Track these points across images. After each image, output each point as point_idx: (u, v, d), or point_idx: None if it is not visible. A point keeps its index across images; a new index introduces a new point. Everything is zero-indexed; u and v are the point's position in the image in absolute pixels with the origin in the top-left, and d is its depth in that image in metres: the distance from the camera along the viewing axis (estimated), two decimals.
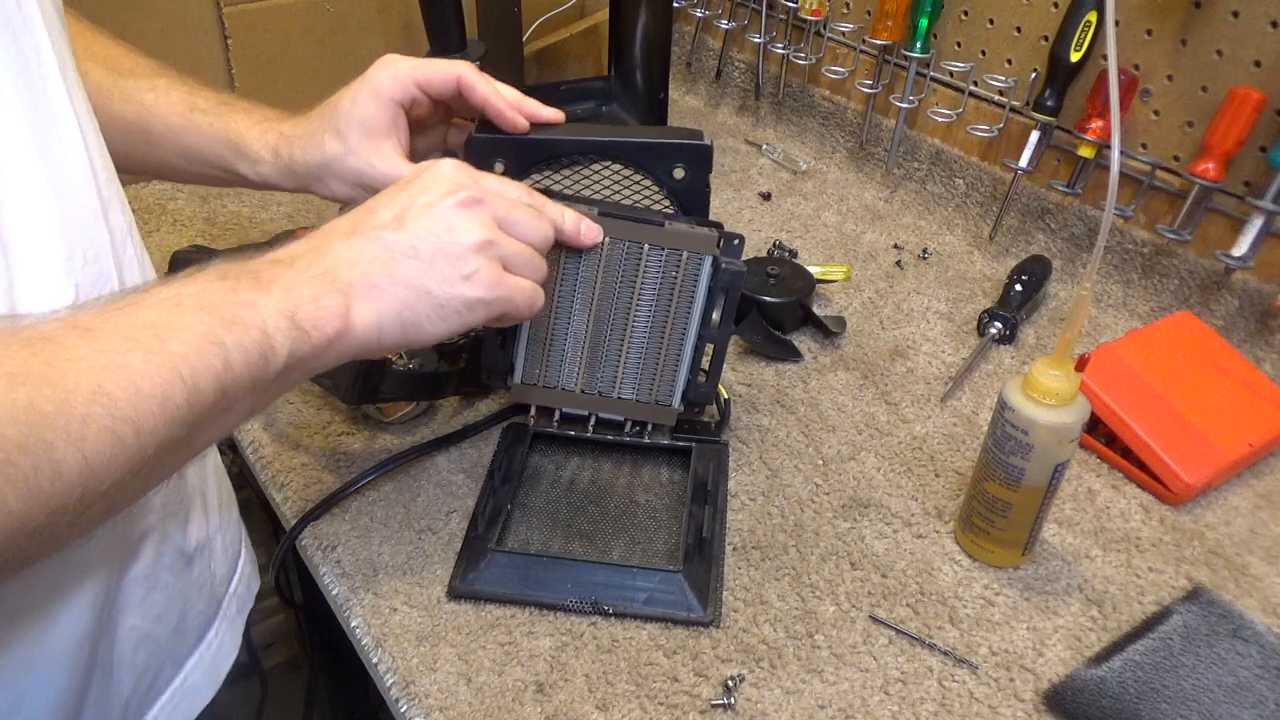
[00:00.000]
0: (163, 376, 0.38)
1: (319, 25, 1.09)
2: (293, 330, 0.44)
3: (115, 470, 0.36)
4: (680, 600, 0.58)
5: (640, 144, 0.61)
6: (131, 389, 0.37)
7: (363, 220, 0.50)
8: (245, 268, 0.45)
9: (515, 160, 0.62)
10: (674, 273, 0.60)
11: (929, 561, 0.63)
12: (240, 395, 0.42)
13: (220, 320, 0.41)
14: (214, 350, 0.41)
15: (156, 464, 0.39)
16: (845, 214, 1.03)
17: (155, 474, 0.40)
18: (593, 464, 0.68)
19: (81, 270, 0.44)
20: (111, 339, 0.38)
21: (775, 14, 1.12)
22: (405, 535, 0.63)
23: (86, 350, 0.37)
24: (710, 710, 0.53)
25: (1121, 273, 0.88)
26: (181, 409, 0.39)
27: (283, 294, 0.45)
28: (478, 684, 0.54)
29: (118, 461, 0.36)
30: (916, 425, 0.74)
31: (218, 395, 0.41)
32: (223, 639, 0.60)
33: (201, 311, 0.41)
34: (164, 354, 0.39)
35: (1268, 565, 0.64)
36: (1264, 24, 0.74)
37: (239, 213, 0.96)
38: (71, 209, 0.44)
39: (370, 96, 0.62)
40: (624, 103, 1.15)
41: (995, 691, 0.55)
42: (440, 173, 0.52)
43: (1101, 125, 0.85)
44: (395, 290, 0.48)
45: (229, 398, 0.41)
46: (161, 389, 0.38)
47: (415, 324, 0.49)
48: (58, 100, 0.44)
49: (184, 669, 0.57)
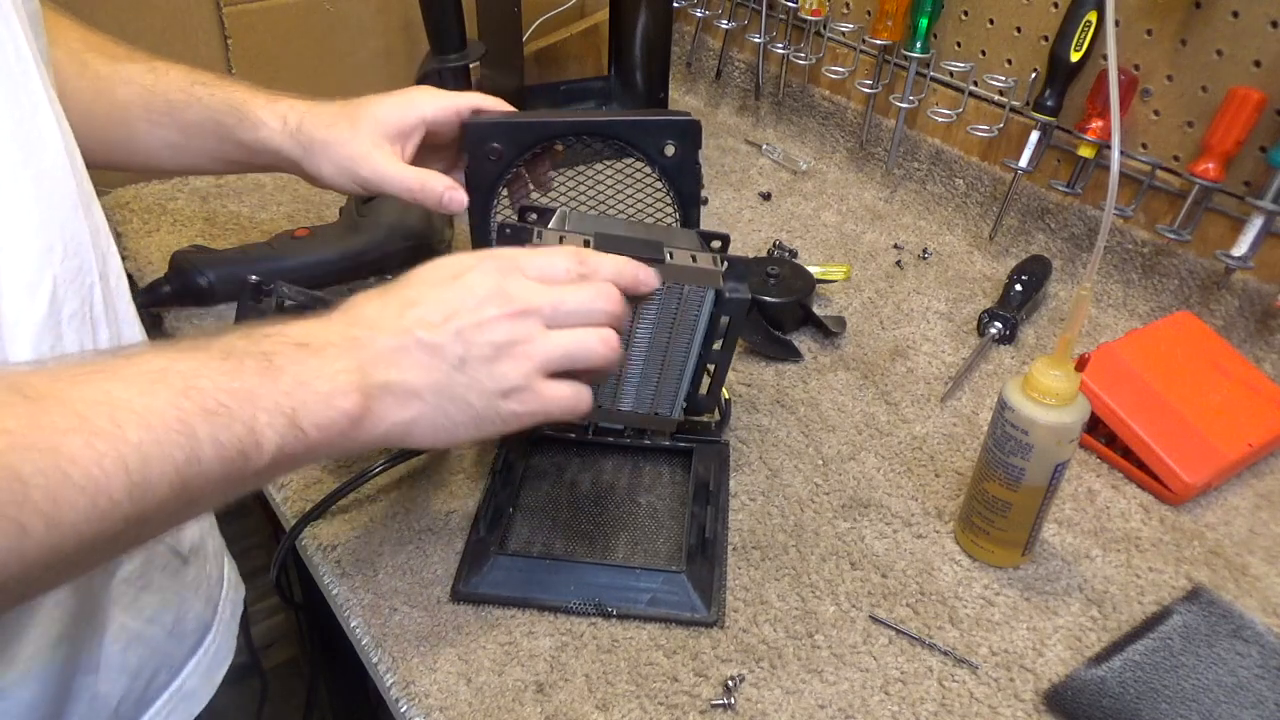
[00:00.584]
0: (102, 466, 0.34)
1: (319, 25, 1.09)
2: (289, 428, 0.41)
3: (16, 563, 0.32)
4: (684, 601, 0.58)
5: (630, 122, 0.62)
6: (57, 477, 0.33)
7: (407, 314, 0.47)
8: (260, 346, 0.42)
9: (511, 142, 0.62)
10: (675, 303, 0.58)
11: (929, 561, 0.63)
12: (207, 490, 0.39)
13: (200, 408, 0.38)
14: (179, 441, 0.37)
15: (78, 556, 0.35)
16: (845, 214, 1.03)
17: (81, 564, 0.36)
18: (593, 465, 0.68)
19: (60, 264, 0.43)
20: (55, 413, 0.34)
21: (775, 14, 1.12)
22: (405, 535, 0.63)
23: (17, 424, 0.33)
24: (710, 710, 0.53)
25: (1121, 273, 0.88)
26: (119, 503, 0.35)
27: (291, 387, 0.42)
28: (478, 684, 0.54)
29: (20, 553, 0.32)
30: (916, 425, 0.74)
31: (175, 489, 0.37)
32: (220, 642, 0.60)
33: (182, 394, 0.38)
34: (112, 439, 0.35)
35: (1268, 565, 0.64)
36: (1264, 24, 0.74)
37: (239, 213, 0.96)
38: (51, 202, 0.44)
39: (400, 105, 0.63)
40: (624, 103, 1.16)
41: (995, 691, 0.55)
42: (487, 275, 0.49)
43: (1101, 125, 0.85)
44: (436, 400, 0.47)
45: (190, 491, 0.38)
46: (95, 480, 0.34)
47: (450, 430, 0.48)
48: (36, 96, 0.43)
49: (181, 673, 0.56)
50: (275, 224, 0.95)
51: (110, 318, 0.48)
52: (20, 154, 0.42)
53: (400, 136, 0.64)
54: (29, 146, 0.42)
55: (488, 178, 0.63)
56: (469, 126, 0.62)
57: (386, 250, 0.85)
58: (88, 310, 0.46)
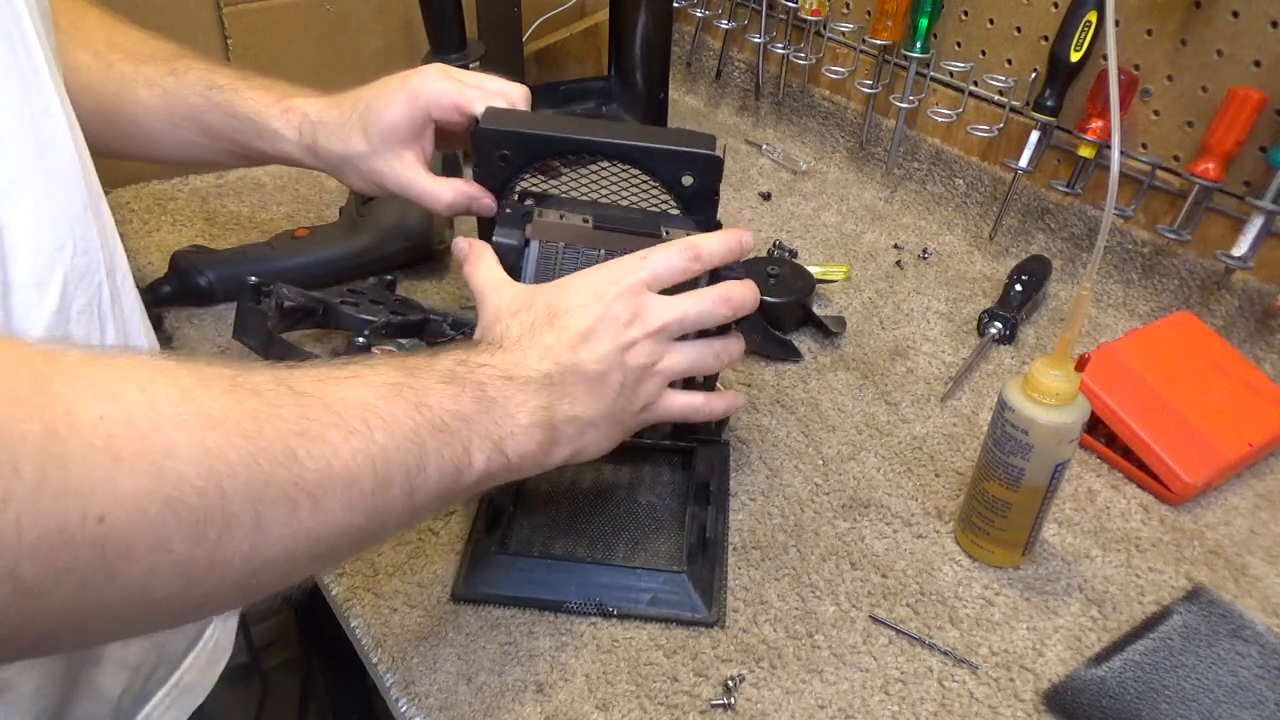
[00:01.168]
0: (356, 460, 0.38)
1: (319, 25, 1.09)
2: (495, 453, 0.46)
3: (286, 540, 0.36)
4: (685, 601, 0.58)
5: (649, 149, 0.60)
6: (323, 463, 0.36)
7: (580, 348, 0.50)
8: (476, 375, 0.46)
9: (520, 154, 0.61)
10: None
11: (929, 561, 0.63)
12: (426, 499, 0.43)
13: (429, 423, 0.42)
14: (413, 450, 0.41)
15: (332, 546, 0.38)
16: (845, 214, 1.03)
17: (331, 556, 0.40)
18: (594, 465, 0.68)
19: (70, 261, 0.44)
20: (319, 408, 0.38)
21: (775, 14, 1.12)
22: (405, 535, 0.63)
23: (290, 411, 0.36)
24: (710, 710, 0.53)
25: (1121, 273, 0.88)
26: (366, 496, 0.38)
27: (500, 418, 0.46)
28: (478, 684, 0.54)
29: (291, 531, 0.36)
30: (916, 425, 0.74)
31: (405, 493, 0.41)
32: (218, 637, 0.60)
33: (415, 408, 0.42)
34: (365, 439, 0.38)
35: (1268, 565, 0.64)
36: (1264, 24, 0.74)
37: (239, 213, 0.96)
38: (63, 200, 0.44)
39: (407, 103, 0.63)
40: (624, 103, 1.15)
41: (995, 691, 0.55)
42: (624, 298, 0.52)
43: (1101, 125, 0.85)
44: (605, 425, 0.52)
45: (415, 499, 0.42)
46: (351, 471, 0.38)
47: (605, 447, 0.53)
48: (48, 96, 0.44)
49: (180, 668, 0.57)
50: (275, 224, 0.95)
51: (117, 314, 0.49)
52: (32, 153, 0.42)
53: (414, 137, 0.64)
54: (40, 146, 0.43)
55: (495, 180, 0.63)
56: (478, 133, 0.61)
57: (386, 250, 0.85)
58: (96, 307, 0.47)
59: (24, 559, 0.28)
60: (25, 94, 0.42)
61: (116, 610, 0.32)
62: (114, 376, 0.32)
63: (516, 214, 0.59)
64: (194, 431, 0.33)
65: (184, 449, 0.32)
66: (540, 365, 0.49)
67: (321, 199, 0.99)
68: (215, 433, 0.33)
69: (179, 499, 0.32)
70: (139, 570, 0.31)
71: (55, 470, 0.29)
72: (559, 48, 1.24)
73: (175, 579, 0.33)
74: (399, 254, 0.86)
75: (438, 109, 0.63)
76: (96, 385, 0.32)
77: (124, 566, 0.31)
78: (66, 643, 0.36)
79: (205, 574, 0.33)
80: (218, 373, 0.36)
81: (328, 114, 0.65)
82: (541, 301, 0.52)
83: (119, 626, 0.35)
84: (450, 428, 0.43)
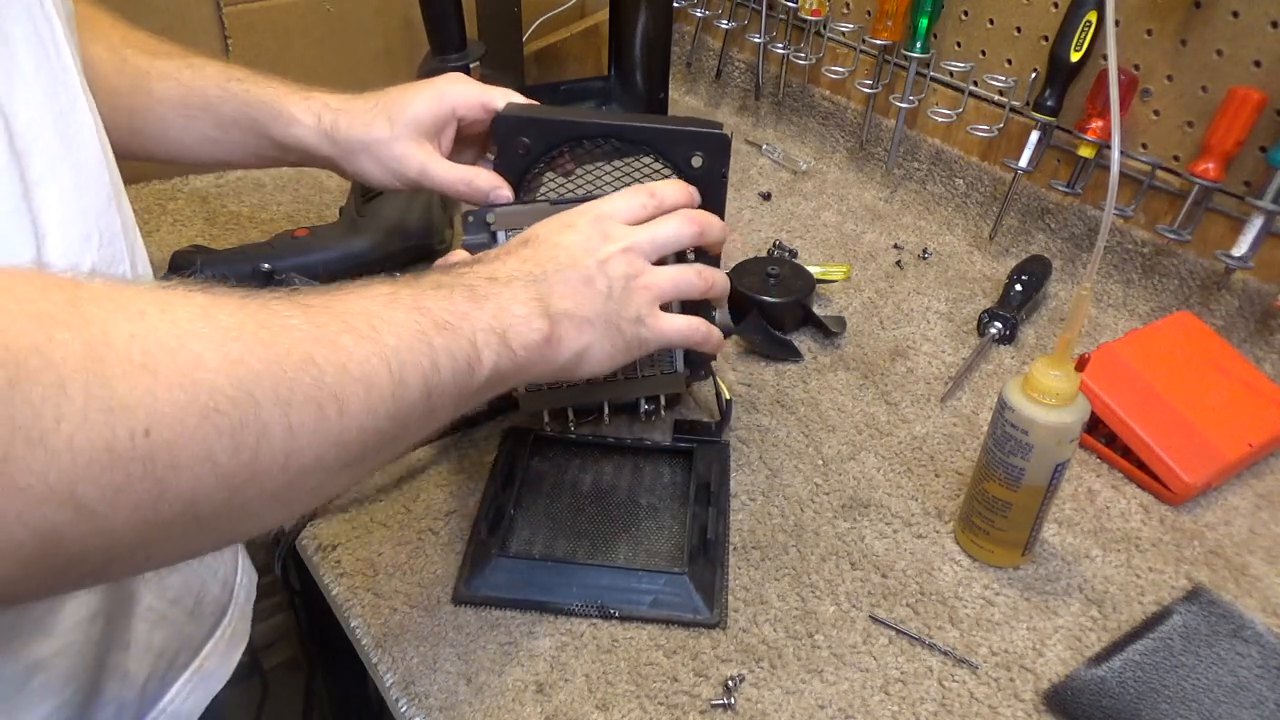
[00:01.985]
0: (371, 363, 0.39)
1: (319, 25, 1.09)
2: (500, 346, 0.46)
3: (318, 445, 0.36)
4: (686, 602, 0.58)
5: (659, 130, 0.63)
6: (339, 366, 0.37)
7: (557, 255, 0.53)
8: (460, 280, 0.48)
9: (540, 140, 0.63)
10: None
11: (929, 561, 0.63)
12: (444, 400, 0.43)
13: (433, 322, 0.43)
14: (424, 350, 0.42)
15: (360, 451, 0.39)
16: (845, 214, 1.03)
17: (360, 462, 0.40)
18: (594, 466, 0.68)
19: (98, 251, 0.45)
20: (326, 317, 0.39)
21: (775, 14, 1.12)
22: (405, 535, 0.63)
23: (300, 321, 0.37)
24: (710, 710, 0.53)
25: (1121, 273, 0.88)
26: (386, 399, 0.39)
27: (496, 311, 0.47)
28: (478, 684, 0.54)
29: (321, 436, 0.36)
30: (916, 425, 0.74)
31: (423, 394, 0.42)
32: (235, 625, 0.61)
33: (415, 311, 0.43)
34: (375, 342, 0.39)
35: (1268, 565, 0.64)
36: (1264, 24, 0.74)
37: (239, 213, 0.96)
38: (89, 193, 0.45)
39: (432, 99, 0.65)
40: (624, 103, 1.15)
41: (995, 691, 0.55)
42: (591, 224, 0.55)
43: (1101, 125, 0.85)
44: (603, 327, 0.53)
45: (433, 400, 0.42)
46: (368, 374, 0.39)
47: (610, 358, 0.54)
48: (74, 92, 0.45)
49: (200, 654, 0.58)
50: (275, 224, 0.95)
51: None
52: (61, 147, 0.43)
53: (435, 132, 0.66)
54: (68, 139, 0.44)
55: (514, 170, 0.64)
56: (500, 119, 0.64)
57: (386, 250, 0.85)
58: None
59: (80, 479, 0.29)
60: (54, 89, 0.43)
61: (169, 527, 0.33)
62: (137, 298, 0.33)
63: (479, 215, 0.62)
64: (218, 344, 0.33)
65: (212, 360, 0.33)
66: (522, 267, 0.51)
67: (321, 199, 0.99)
68: (238, 344, 0.34)
69: (215, 408, 0.32)
70: (185, 483, 0.32)
71: (99, 388, 0.29)
72: (559, 48, 1.24)
73: (220, 491, 0.33)
74: (399, 254, 0.86)
75: (463, 105, 0.66)
76: (124, 306, 0.32)
77: (172, 480, 0.31)
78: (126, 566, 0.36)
79: (247, 484, 0.34)
80: (226, 292, 0.37)
81: (350, 104, 0.67)
82: (516, 239, 0.56)
83: (172, 548, 0.35)
84: (453, 325, 0.44)
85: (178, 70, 0.67)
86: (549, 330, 0.50)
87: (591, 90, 1.16)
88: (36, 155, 0.41)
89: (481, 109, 0.66)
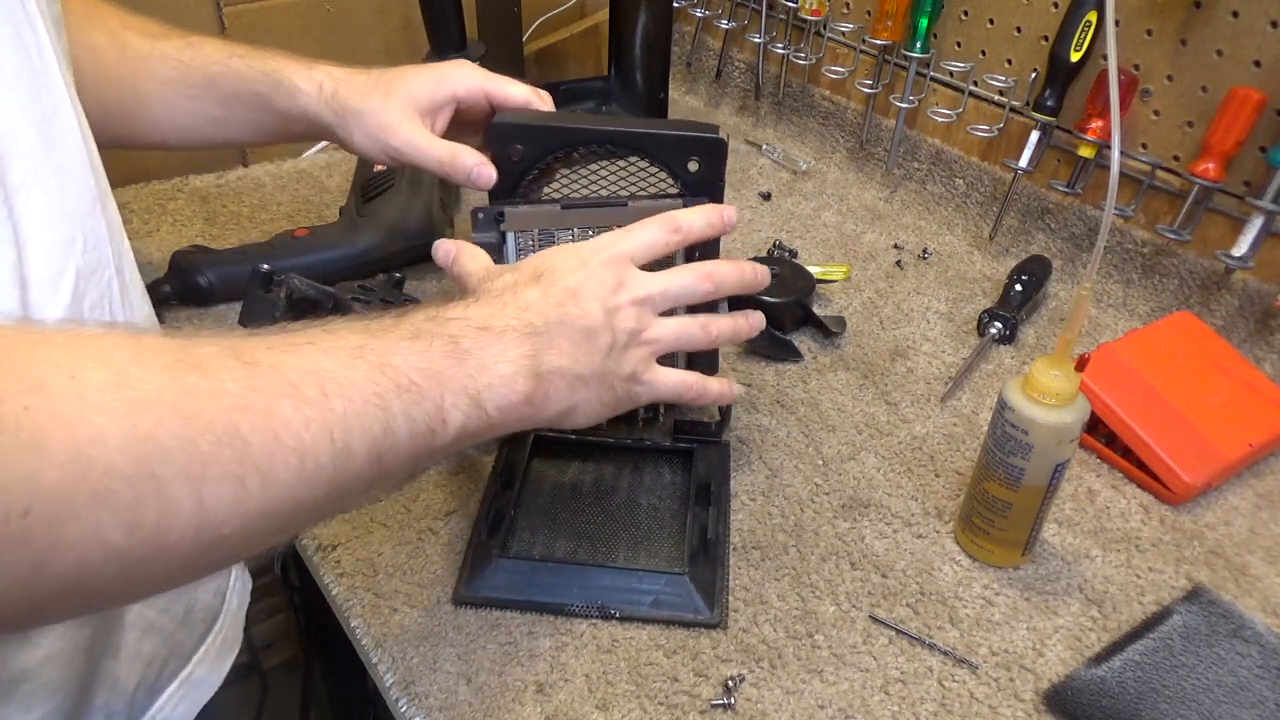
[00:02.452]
0: (310, 431, 0.36)
1: (319, 25, 1.09)
2: (472, 408, 0.44)
3: (236, 518, 0.35)
4: (687, 603, 0.58)
5: (655, 135, 0.62)
6: (270, 437, 0.35)
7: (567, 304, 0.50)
8: (444, 328, 0.45)
9: (535, 147, 0.63)
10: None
11: (929, 561, 0.63)
12: (397, 462, 0.41)
13: (395, 384, 0.41)
14: (377, 415, 0.39)
15: (291, 519, 0.37)
16: (845, 214, 1.03)
17: (290, 526, 0.38)
18: (594, 467, 0.68)
19: (82, 256, 0.45)
20: (269, 379, 0.36)
21: (775, 14, 1.12)
22: (405, 535, 0.63)
23: (237, 385, 0.35)
24: (710, 710, 0.53)
25: (1121, 273, 0.88)
26: (324, 468, 0.37)
27: (476, 370, 0.45)
28: (478, 684, 0.54)
29: (241, 508, 0.35)
30: (916, 425, 0.74)
31: (370, 460, 0.39)
32: (226, 632, 0.60)
33: (378, 370, 0.40)
34: (320, 408, 0.37)
35: (1268, 565, 0.64)
36: (1264, 24, 0.74)
37: (239, 213, 0.96)
38: (73, 197, 0.45)
39: (433, 80, 0.65)
40: (624, 103, 1.15)
41: (995, 691, 0.55)
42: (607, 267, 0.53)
43: (1101, 125, 0.85)
44: (596, 384, 0.51)
45: (384, 463, 0.40)
46: (305, 443, 0.36)
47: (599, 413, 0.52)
48: (58, 94, 0.45)
49: (190, 662, 0.57)
50: (275, 224, 0.94)
51: (126, 309, 0.49)
52: (44, 150, 0.43)
53: (432, 110, 0.66)
54: (51, 143, 0.43)
55: (510, 177, 0.64)
56: (494, 126, 0.63)
57: (386, 250, 0.85)
58: (107, 302, 0.47)
59: None
60: (36, 92, 0.43)
61: (57, 597, 0.32)
62: (43, 363, 0.31)
63: (490, 214, 0.61)
64: (124, 417, 0.32)
65: (114, 436, 0.31)
66: (523, 316, 0.48)
67: (321, 199, 0.99)
68: (149, 416, 0.32)
69: (108, 488, 0.31)
70: (69, 561, 0.31)
71: None
72: (559, 48, 1.24)
73: (112, 566, 0.32)
74: (399, 254, 0.86)
75: (464, 88, 0.66)
76: (23, 376, 0.31)
77: (53, 559, 0.30)
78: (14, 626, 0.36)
79: (148, 558, 0.33)
80: (161, 347, 0.35)
81: (353, 75, 0.67)
82: (528, 265, 0.53)
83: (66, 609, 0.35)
84: (419, 386, 0.42)
85: (178, 50, 0.67)
86: (532, 390, 0.47)
87: (591, 90, 1.16)
88: (17, 160, 0.41)
89: (484, 95, 0.66)
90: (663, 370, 0.55)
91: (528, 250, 0.62)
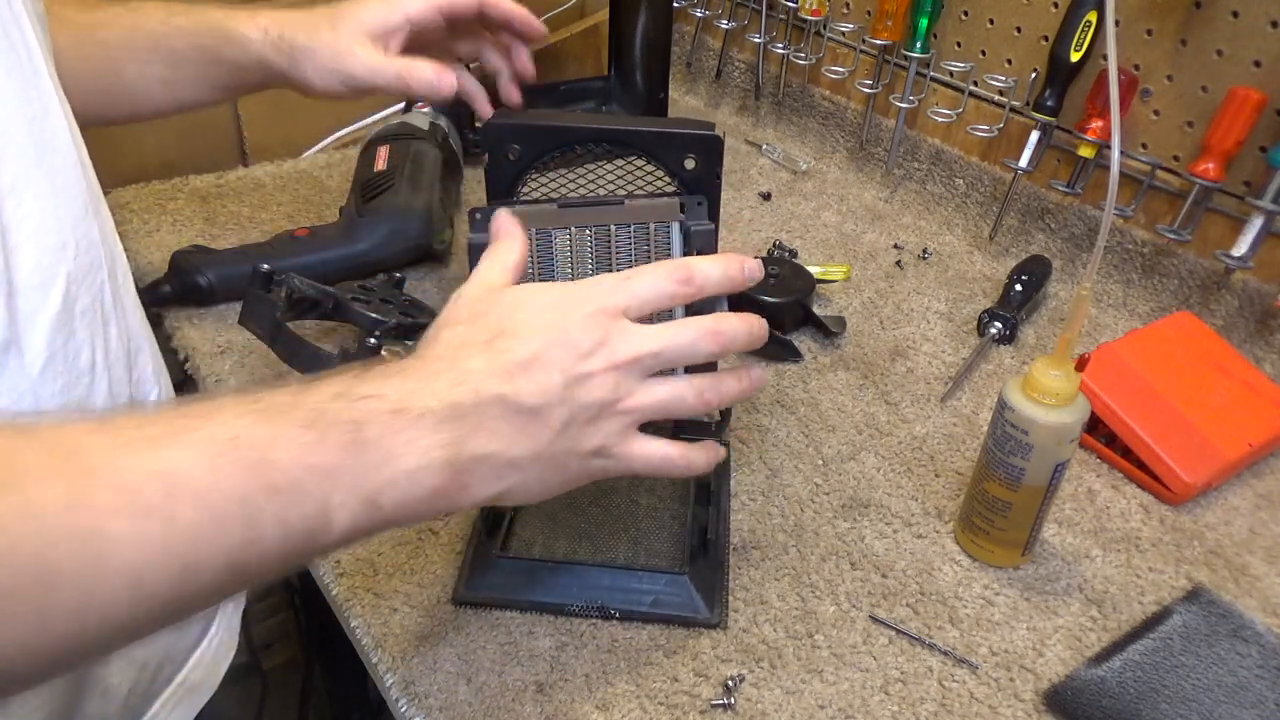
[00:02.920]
0: (144, 552, 0.32)
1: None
2: (363, 507, 0.38)
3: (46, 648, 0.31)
4: (686, 602, 0.58)
5: (652, 133, 0.62)
6: (93, 563, 0.31)
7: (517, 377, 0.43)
8: (351, 411, 0.39)
9: (530, 146, 0.63)
10: (646, 248, 0.60)
11: (929, 561, 0.63)
12: (264, 568, 0.37)
13: (268, 485, 0.35)
14: (237, 521, 0.35)
15: (110, 641, 0.34)
16: (845, 214, 1.03)
17: (109, 648, 0.35)
18: None
19: (73, 260, 0.44)
20: (103, 491, 0.32)
21: (775, 14, 1.12)
22: (405, 535, 0.63)
23: (57, 503, 0.31)
24: (710, 710, 0.53)
25: (1121, 273, 0.88)
26: (159, 590, 0.33)
27: (377, 463, 0.38)
28: (478, 684, 0.54)
29: (49, 641, 0.31)
30: (916, 425, 0.74)
31: (224, 570, 0.35)
32: (221, 636, 0.60)
33: (252, 469, 0.35)
34: (164, 521, 0.33)
35: (1268, 565, 0.64)
36: (1264, 24, 0.74)
37: (239, 213, 0.96)
38: (64, 201, 0.44)
39: (383, 3, 0.64)
40: (624, 103, 1.15)
41: (995, 691, 0.55)
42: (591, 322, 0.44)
43: (1101, 125, 0.85)
44: (535, 468, 0.43)
45: (244, 571, 0.36)
46: (135, 568, 0.32)
47: (541, 493, 0.45)
48: (48, 98, 0.44)
49: (185, 667, 0.57)
50: (275, 224, 0.94)
51: (119, 313, 0.49)
52: (34, 154, 0.42)
53: (384, 35, 0.64)
54: (42, 146, 0.43)
55: (506, 178, 0.64)
56: (488, 126, 0.63)
57: (387, 250, 0.85)
58: (99, 306, 0.47)
59: None
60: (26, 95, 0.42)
61: None
62: None
63: (487, 214, 0.60)
64: None
65: None
66: (449, 394, 0.41)
67: (321, 199, 0.99)
68: None
69: None
70: None
71: None
72: (559, 48, 1.24)
73: None
74: (399, 254, 0.86)
75: (416, 8, 0.64)
76: None
77: None
78: None
79: None
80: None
81: (299, 14, 0.65)
82: (494, 314, 0.45)
83: None
84: (301, 487, 0.36)
85: (118, 16, 0.66)
86: (444, 483, 0.41)
87: (591, 90, 1.16)
88: (7, 164, 0.40)
89: (435, 10, 0.64)
90: (641, 442, 0.46)
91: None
